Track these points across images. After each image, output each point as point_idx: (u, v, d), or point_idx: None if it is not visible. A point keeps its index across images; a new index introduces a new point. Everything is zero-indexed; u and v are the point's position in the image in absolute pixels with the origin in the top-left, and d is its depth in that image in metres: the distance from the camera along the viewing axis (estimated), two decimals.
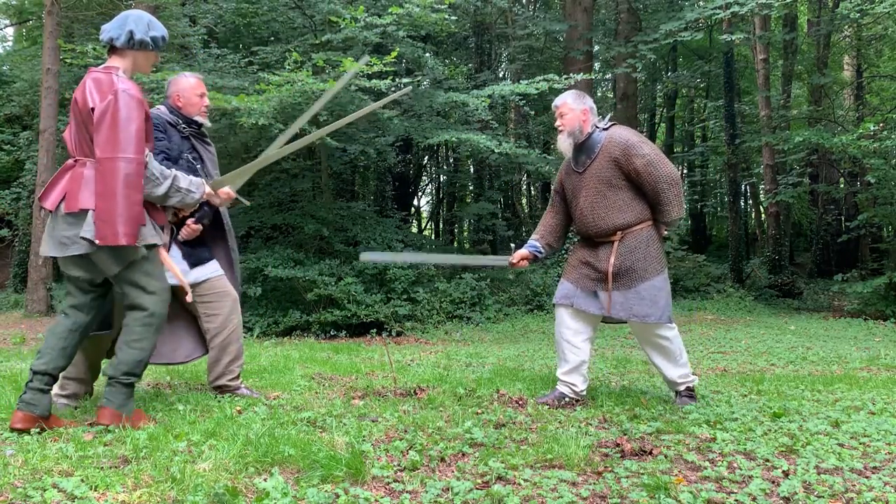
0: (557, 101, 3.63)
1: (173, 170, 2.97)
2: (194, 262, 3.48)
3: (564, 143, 3.58)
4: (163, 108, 3.48)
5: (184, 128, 3.46)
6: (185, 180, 2.97)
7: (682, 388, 3.60)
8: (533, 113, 13.58)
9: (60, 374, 2.95)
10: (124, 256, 2.77)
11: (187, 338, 3.59)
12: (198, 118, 3.50)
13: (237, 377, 3.60)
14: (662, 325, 3.47)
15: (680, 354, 3.55)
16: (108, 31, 2.89)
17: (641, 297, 3.42)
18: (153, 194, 2.86)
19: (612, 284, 3.45)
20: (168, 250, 3.37)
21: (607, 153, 3.46)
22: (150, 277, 2.85)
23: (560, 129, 3.58)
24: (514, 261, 3.79)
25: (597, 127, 3.55)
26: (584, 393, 3.62)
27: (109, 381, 2.80)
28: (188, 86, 3.49)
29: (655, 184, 3.38)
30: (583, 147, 3.54)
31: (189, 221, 3.41)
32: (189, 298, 3.09)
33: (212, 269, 3.53)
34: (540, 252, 3.78)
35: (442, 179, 23.28)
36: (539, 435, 2.84)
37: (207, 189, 3.23)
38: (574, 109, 3.54)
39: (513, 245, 4.04)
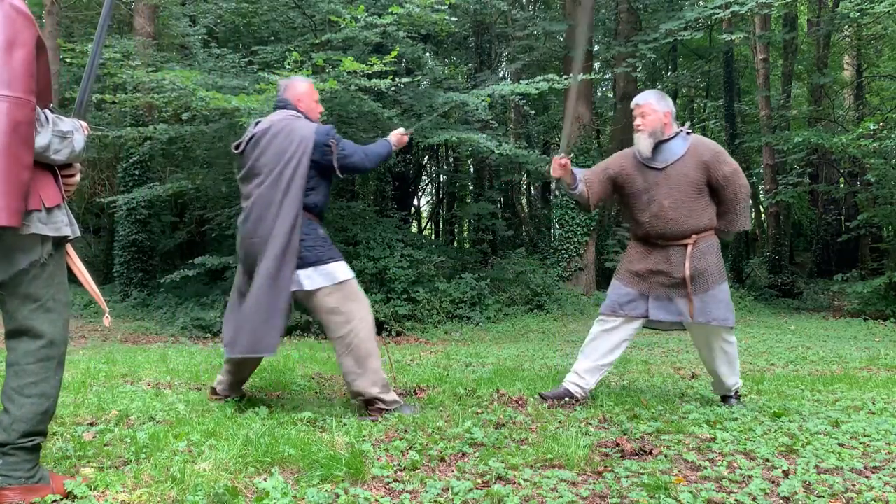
0: (640, 99, 3.59)
1: (47, 111, 2.00)
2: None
3: (645, 143, 3.51)
4: (292, 112, 3.38)
5: None
6: (63, 122, 2.03)
7: (732, 392, 3.65)
8: (533, 113, 13.56)
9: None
10: (15, 251, 1.94)
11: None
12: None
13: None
14: (732, 330, 3.54)
15: (736, 359, 3.60)
16: None
17: (719, 300, 3.45)
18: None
19: (691, 288, 3.43)
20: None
21: (697, 156, 3.47)
22: (53, 287, 2.01)
23: (640, 128, 3.53)
24: (562, 159, 3.57)
25: (681, 130, 3.57)
26: (590, 392, 3.64)
27: (3, 451, 1.95)
28: (306, 90, 3.46)
29: (737, 193, 3.47)
30: (663, 146, 3.52)
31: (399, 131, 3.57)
32: (107, 321, 2.31)
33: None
34: (576, 182, 3.64)
35: (442, 179, 23.27)
36: (539, 435, 2.84)
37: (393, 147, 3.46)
38: (657, 111, 3.52)
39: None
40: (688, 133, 3.57)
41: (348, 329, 3.18)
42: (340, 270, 3.25)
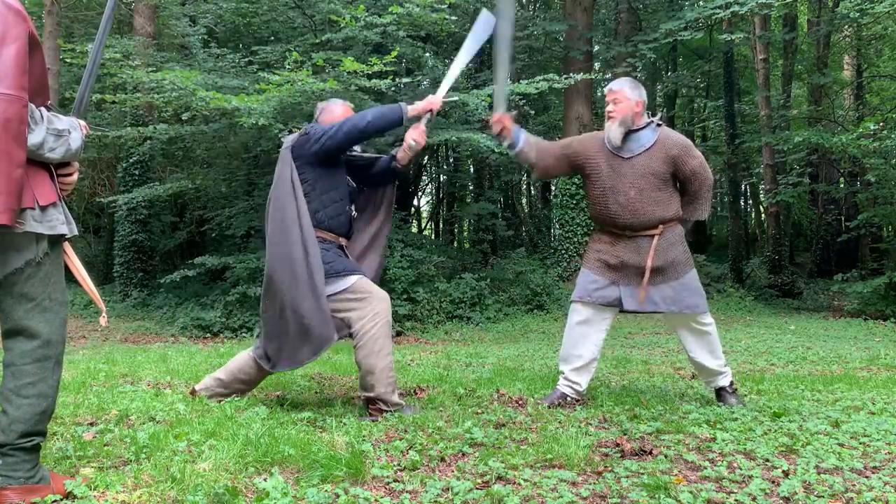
0: (614, 85, 3.59)
1: (42, 109, 1.97)
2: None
3: (615, 131, 3.51)
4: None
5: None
6: (59, 120, 2.01)
7: (723, 381, 3.63)
8: (533, 112, 13.57)
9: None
10: (9, 250, 1.93)
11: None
12: None
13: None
14: (706, 313, 3.57)
15: (718, 344, 3.62)
16: None
17: (689, 288, 3.51)
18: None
19: (656, 278, 3.49)
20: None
21: (664, 149, 3.50)
22: (49, 286, 1.99)
23: (611, 115, 3.54)
24: (497, 115, 3.57)
25: (652, 121, 3.59)
26: (584, 392, 3.63)
27: (2, 451, 1.94)
28: (341, 112, 3.45)
29: (702, 185, 3.55)
30: (631, 136, 3.54)
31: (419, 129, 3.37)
32: (104, 321, 2.31)
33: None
34: (517, 139, 3.61)
35: (442, 179, 23.26)
36: (539, 435, 2.84)
37: (409, 109, 3.25)
38: (630, 99, 3.53)
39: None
40: (658, 125, 3.59)
41: (360, 326, 3.21)
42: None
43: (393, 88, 10.09)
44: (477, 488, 2.20)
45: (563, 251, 13.72)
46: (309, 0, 10.26)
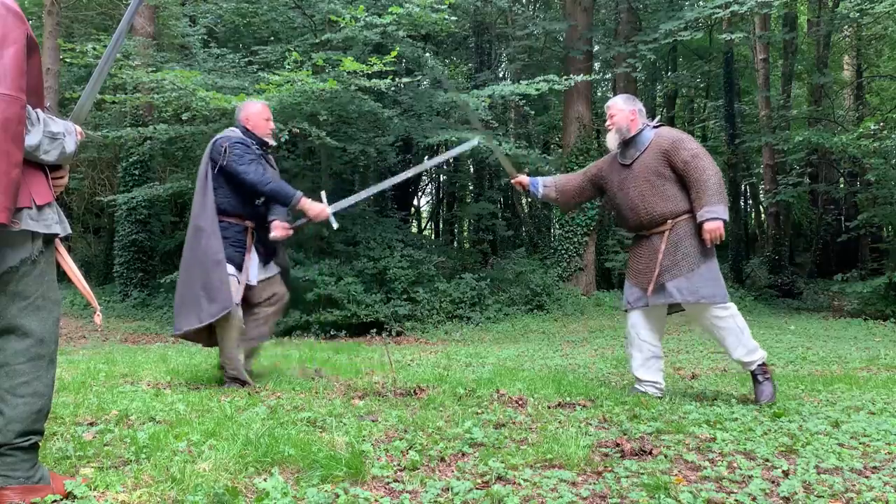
0: (609, 102, 3.95)
1: (39, 111, 1.99)
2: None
3: (612, 139, 3.86)
4: (236, 130, 3.92)
5: (257, 148, 3.90)
6: (55, 123, 2.03)
7: (754, 366, 3.68)
8: (533, 113, 13.58)
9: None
10: (5, 248, 1.93)
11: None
12: (265, 139, 3.96)
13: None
14: (726, 304, 3.66)
15: (744, 329, 3.68)
16: None
17: (706, 278, 3.62)
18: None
19: (671, 272, 3.64)
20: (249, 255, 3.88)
21: (657, 147, 3.72)
22: (43, 285, 1.99)
23: (609, 127, 3.85)
24: (514, 178, 4.21)
25: (647, 125, 3.83)
26: (663, 388, 3.86)
27: (0, 451, 1.93)
28: (256, 110, 3.96)
29: (698, 176, 3.61)
30: (631, 142, 3.81)
31: (284, 226, 3.91)
32: (98, 319, 2.33)
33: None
34: (535, 189, 4.14)
35: (442, 179, 23.28)
36: (539, 435, 2.84)
37: (301, 201, 3.78)
38: (623, 110, 3.82)
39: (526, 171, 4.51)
40: (654, 127, 3.84)
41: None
42: None
43: (393, 88, 10.08)
44: (477, 488, 2.20)
45: (563, 251, 13.72)
46: (309, 0, 10.26)
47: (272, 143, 4.02)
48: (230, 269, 3.75)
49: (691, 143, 3.70)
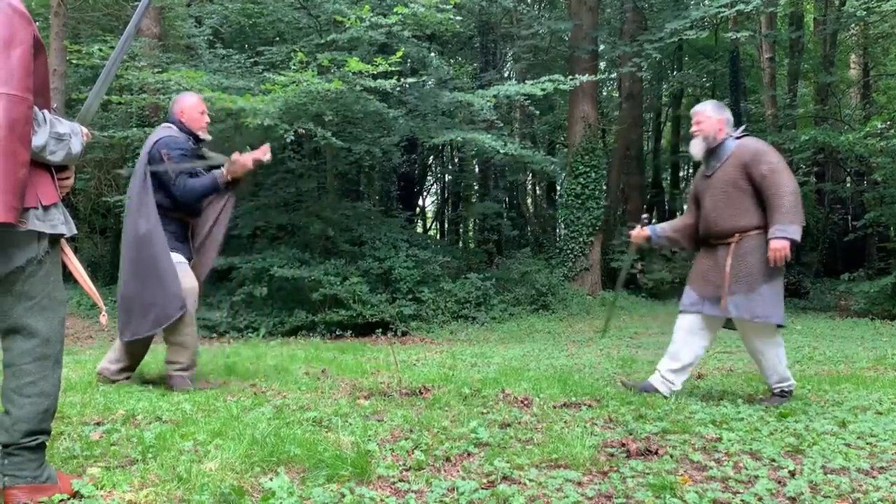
0: (697, 108, 3.86)
1: (45, 112, 2.00)
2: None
3: (697, 147, 3.80)
4: (172, 126, 3.88)
5: (192, 142, 3.89)
6: (61, 124, 2.05)
7: (781, 389, 3.72)
8: (538, 112, 13.57)
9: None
10: (11, 248, 1.93)
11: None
12: (199, 133, 3.94)
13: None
14: (774, 329, 3.65)
15: (782, 360, 3.70)
16: None
17: (765, 297, 3.56)
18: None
19: (731, 286, 3.60)
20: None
21: (737, 158, 3.66)
22: (48, 285, 2.00)
23: (695, 133, 3.80)
24: (633, 235, 4.14)
25: (730, 136, 3.77)
26: (678, 391, 3.84)
27: (7, 451, 1.95)
28: (191, 104, 3.93)
29: (775, 192, 3.53)
30: (714, 152, 3.76)
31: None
32: (104, 319, 2.28)
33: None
34: (656, 235, 4.09)
35: (447, 179, 23.28)
36: (544, 435, 2.84)
37: (224, 174, 3.77)
38: (711, 118, 3.76)
39: (644, 217, 4.30)
40: (737, 138, 3.76)
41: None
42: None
43: (398, 88, 10.08)
44: (482, 488, 2.20)
45: (569, 251, 13.70)
46: (314, 0, 10.28)
47: (206, 137, 4.00)
48: (178, 257, 3.77)
49: (772, 156, 3.60)
